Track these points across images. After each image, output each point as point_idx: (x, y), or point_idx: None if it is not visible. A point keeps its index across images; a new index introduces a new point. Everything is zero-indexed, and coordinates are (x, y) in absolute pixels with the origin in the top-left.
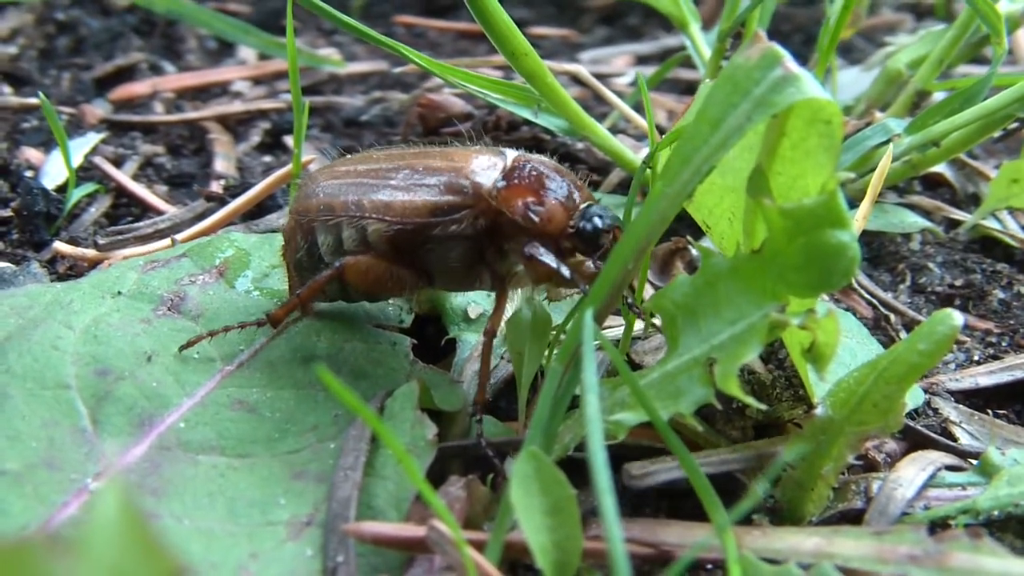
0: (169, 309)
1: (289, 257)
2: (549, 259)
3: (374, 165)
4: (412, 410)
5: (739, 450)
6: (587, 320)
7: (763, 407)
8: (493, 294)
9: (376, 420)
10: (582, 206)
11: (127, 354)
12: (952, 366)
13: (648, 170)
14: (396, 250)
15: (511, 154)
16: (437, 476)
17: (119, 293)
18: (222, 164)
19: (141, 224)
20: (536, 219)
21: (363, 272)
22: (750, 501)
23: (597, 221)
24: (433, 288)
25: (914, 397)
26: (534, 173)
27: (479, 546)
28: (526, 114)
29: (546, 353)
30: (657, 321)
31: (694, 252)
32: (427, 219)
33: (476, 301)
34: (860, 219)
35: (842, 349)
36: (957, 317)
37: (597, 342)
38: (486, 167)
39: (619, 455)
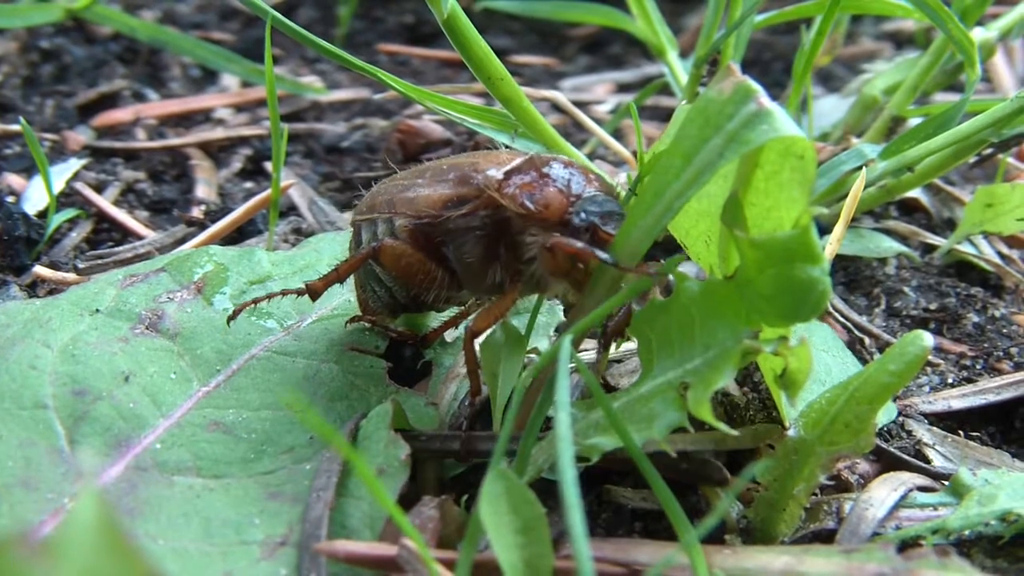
0: (147, 328)
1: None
2: (574, 242)
3: (415, 168)
4: (386, 430)
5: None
6: (564, 342)
7: (735, 433)
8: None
9: (347, 446)
10: (585, 196)
11: (104, 374)
12: (926, 389)
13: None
14: (419, 245)
15: (532, 153)
16: (412, 496)
17: (97, 311)
18: (203, 190)
19: (121, 248)
20: (532, 206)
21: (396, 256)
22: (715, 517)
23: (583, 215)
24: (459, 289)
25: (887, 412)
26: (541, 166)
27: (452, 565)
28: (504, 139)
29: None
30: (631, 344)
31: (671, 278)
32: (440, 211)
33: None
34: (834, 243)
35: (818, 364)
36: (928, 338)
37: (572, 364)
38: (500, 163)
39: (595, 476)
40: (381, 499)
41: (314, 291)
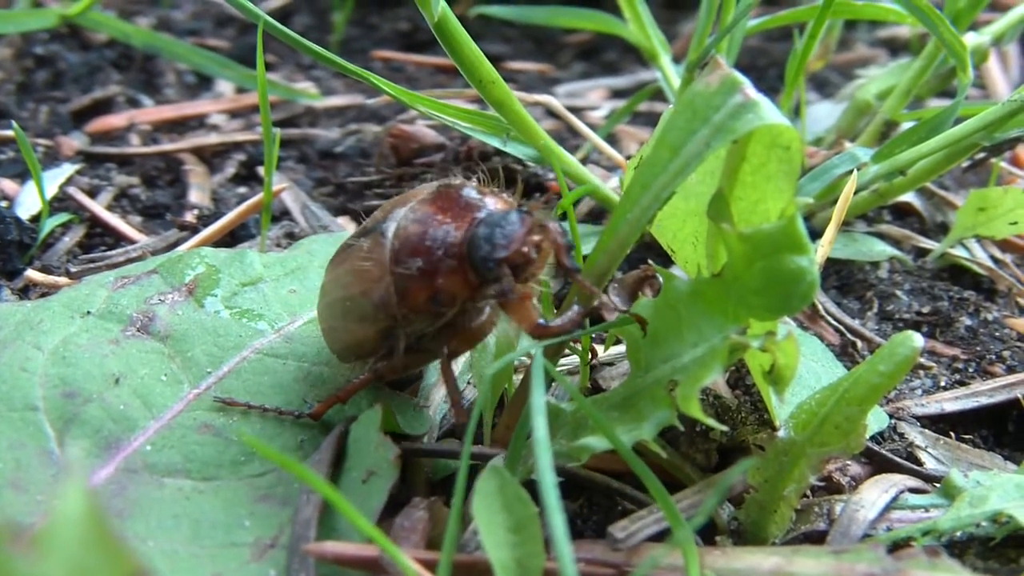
0: (138, 330)
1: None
2: (565, 323)
3: (324, 296)
4: (375, 432)
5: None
6: (538, 350)
7: (725, 429)
8: None
9: (314, 478)
10: (467, 246)
11: (95, 376)
12: (919, 392)
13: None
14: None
15: (389, 234)
16: (403, 497)
17: (88, 313)
18: (197, 195)
19: (113, 252)
20: (442, 307)
21: (394, 370)
22: (702, 516)
23: (486, 266)
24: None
25: (879, 420)
26: (411, 254)
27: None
28: (496, 143)
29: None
30: (621, 347)
31: (661, 280)
32: (385, 344)
33: None
34: (825, 245)
35: (807, 372)
36: (917, 339)
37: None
38: (377, 278)
39: (585, 479)
40: (353, 518)
41: (315, 415)
